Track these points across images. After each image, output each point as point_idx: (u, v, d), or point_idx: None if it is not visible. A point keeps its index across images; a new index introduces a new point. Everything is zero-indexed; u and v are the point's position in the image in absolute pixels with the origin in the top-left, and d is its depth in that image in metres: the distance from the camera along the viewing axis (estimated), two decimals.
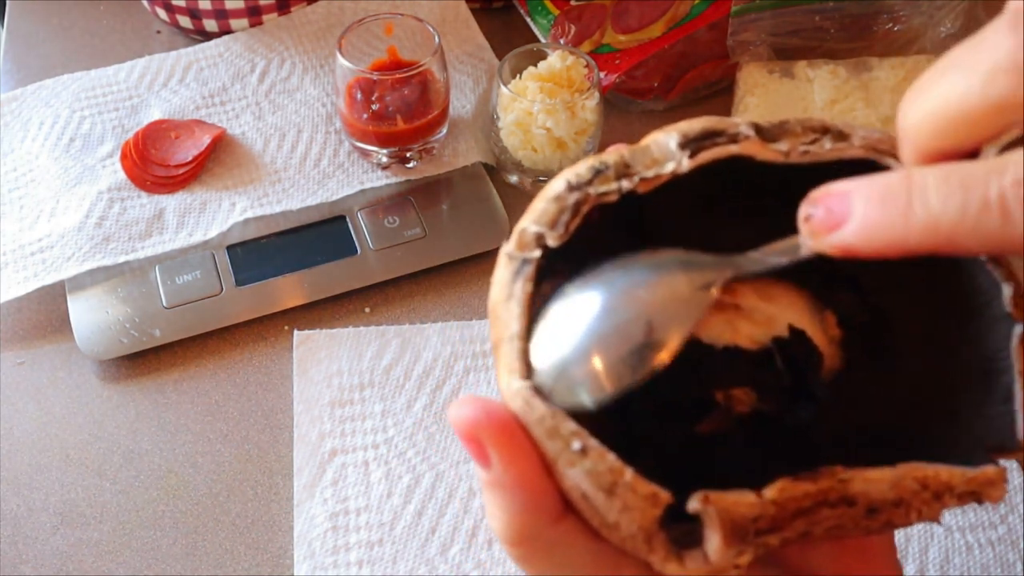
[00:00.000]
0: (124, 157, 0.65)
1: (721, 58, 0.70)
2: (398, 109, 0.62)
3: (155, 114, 0.69)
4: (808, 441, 0.24)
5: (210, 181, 0.65)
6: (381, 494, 0.50)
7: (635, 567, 0.25)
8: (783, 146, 0.26)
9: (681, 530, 0.23)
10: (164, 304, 0.58)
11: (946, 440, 0.25)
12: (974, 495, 0.24)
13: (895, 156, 0.26)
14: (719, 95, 0.72)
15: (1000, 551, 0.48)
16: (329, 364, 0.55)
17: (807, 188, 0.24)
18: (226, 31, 0.75)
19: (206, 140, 0.65)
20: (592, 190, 0.26)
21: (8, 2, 0.82)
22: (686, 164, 0.26)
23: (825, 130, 0.26)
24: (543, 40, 0.74)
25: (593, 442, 0.23)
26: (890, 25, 0.68)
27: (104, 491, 0.51)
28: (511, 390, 0.24)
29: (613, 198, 0.26)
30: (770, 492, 0.23)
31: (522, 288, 0.25)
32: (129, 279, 0.59)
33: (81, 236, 0.61)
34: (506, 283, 0.25)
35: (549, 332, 0.25)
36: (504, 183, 0.67)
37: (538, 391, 0.24)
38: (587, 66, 0.64)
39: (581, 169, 0.26)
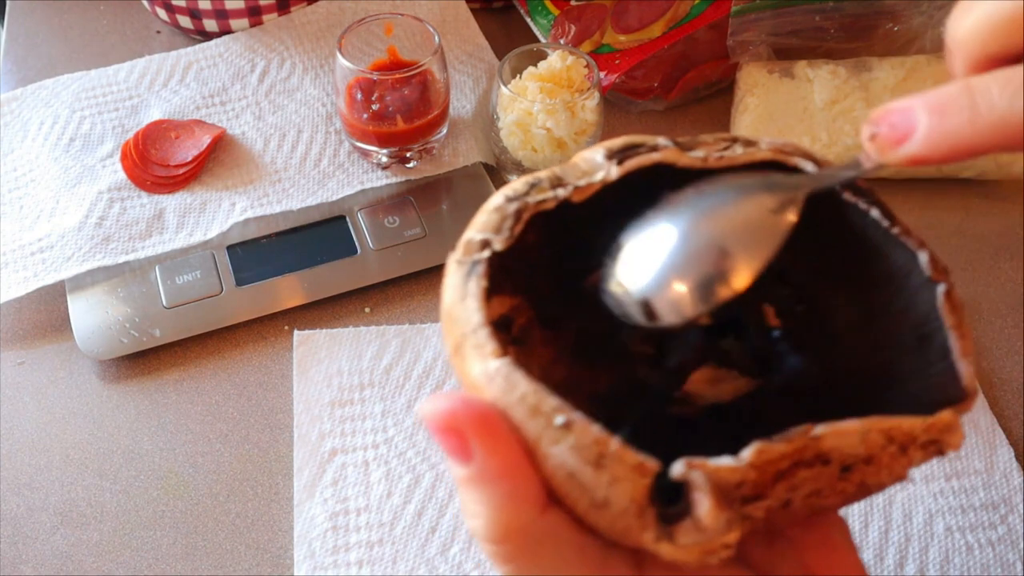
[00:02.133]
0: (124, 157, 0.65)
1: (721, 58, 0.70)
2: (398, 109, 0.62)
3: (155, 114, 0.69)
4: (767, 427, 0.25)
5: (210, 181, 0.65)
6: (381, 494, 0.50)
7: (623, 564, 0.25)
8: (700, 153, 0.28)
9: (667, 512, 0.23)
10: (164, 304, 0.58)
11: (897, 409, 0.25)
12: (935, 444, 0.25)
13: (801, 157, 0.28)
14: (719, 95, 0.72)
15: (1000, 551, 0.48)
16: (329, 364, 0.55)
17: None
18: (226, 31, 0.75)
19: (206, 140, 0.65)
20: (530, 199, 0.27)
21: (8, 2, 0.82)
22: (615, 172, 0.28)
23: (735, 139, 0.29)
24: (543, 40, 0.74)
25: (577, 415, 0.23)
26: (890, 25, 0.68)
27: (104, 491, 0.51)
28: (488, 372, 0.24)
29: (551, 205, 0.27)
30: (747, 454, 0.23)
31: (476, 284, 0.26)
32: (129, 279, 0.59)
33: (81, 236, 0.61)
34: (458, 285, 0.26)
35: (643, 250, 0.26)
36: (504, 183, 0.67)
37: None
38: (587, 66, 0.64)
39: (517, 184, 0.28)
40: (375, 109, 0.62)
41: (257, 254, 0.61)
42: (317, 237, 0.62)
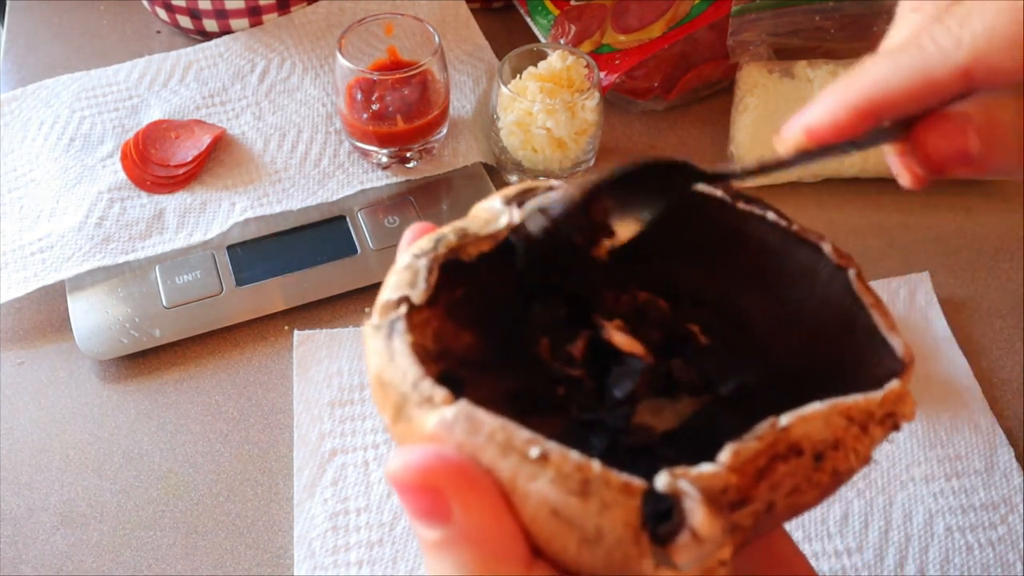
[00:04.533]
0: (124, 157, 0.65)
1: (721, 58, 0.70)
2: (398, 109, 0.62)
3: (155, 114, 0.69)
4: (723, 444, 0.24)
5: (210, 181, 0.65)
6: (381, 494, 0.50)
7: None
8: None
9: (659, 534, 0.22)
10: (164, 304, 0.58)
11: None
12: (891, 418, 0.26)
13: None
14: (719, 95, 0.72)
15: (1000, 551, 0.48)
16: (329, 364, 0.55)
17: None
18: (226, 31, 0.75)
19: (206, 140, 0.65)
20: (438, 252, 0.27)
21: (8, 2, 0.82)
22: (517, 216, 0.28)
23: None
24: (543, 40, 0.74)
25: (552, 444, 0.22)
26: (890, 25, 0.68)
27: (104, 491, 0.51)
28: (446, 421, 0.23)
29: (466, 255, 0.28)
30: (725, 457, 0.23)
31: (402, 341, 0.25)
32: (129, 279, 0.59)
33: (81, 236, 0.61)
34: (382, 349, 0.25)
35: None
36: (504, 183, 0.67)
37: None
38: (587, 66, 0.64)
39: (422, 243, 0.28)
40: (375, 109, 0.62)
41: (257, 254, 0.61)
42: (317, 237, 0.62)
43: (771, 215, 0.30)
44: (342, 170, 0.66)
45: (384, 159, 0.65)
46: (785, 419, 0.24)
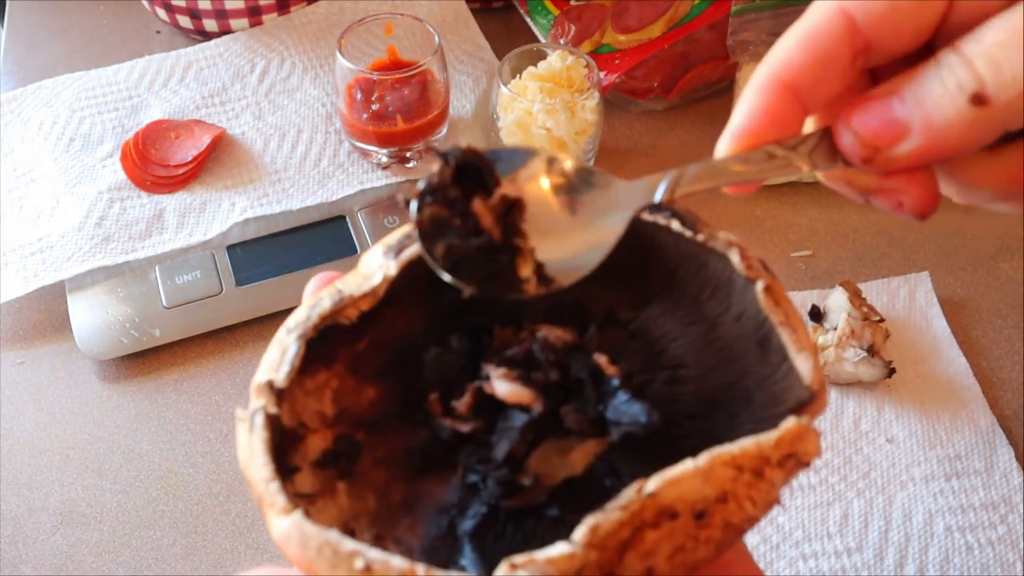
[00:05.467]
0: (124, 157, 0.65)
1: (721, 58, 0.70)
2: (398, 109, 0.62)
3: (155, 114, 0.69)
4: (620, 489, 0.23)
5: (210, 181, 0.65)
6: None
7: None
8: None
9: None
10: (164, 304, 0.58)
11: (753, 427, 0.24)
12: (793, 458, 0.24)
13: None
14: (719, 95, 0.72)
15: (1000, 551, 0.48)
16: None
17: None
18: (226, 31, 0.75)
19: (206, 140, 0.65)
20: (310, 324, 0.26)
21: (8, 2, 0.82)
22: (393, 268, 0.27)
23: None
24: (543, 40, 0.74)
25: (374, 552, 0.22)
26: None
27: (104, 491, 0.51)
28: (284, 532, 0.23)
29: (344, 319, 0.27)
30: (580, 535, 0.21)
31: (260, 439, 0.25)
32: (129, 279, 0.59)
33: (81, 236, 0.61)
34: (246, 443, 0.25)
35: None
36: None
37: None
38: (587, 66, 0.64)
39: (298, 313, 0.27)
40: (375, 109, 0.62)
41: (257, 254, 0.61)
42: (317, 237, 0.62)
43: (676, 224, 0.28)
44: (342, 170, 0.66)
45: (384, 159, 0.65)
46: (652, 484, 0.22)
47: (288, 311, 0.60)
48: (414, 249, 0.27)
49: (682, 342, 0.29)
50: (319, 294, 0.27)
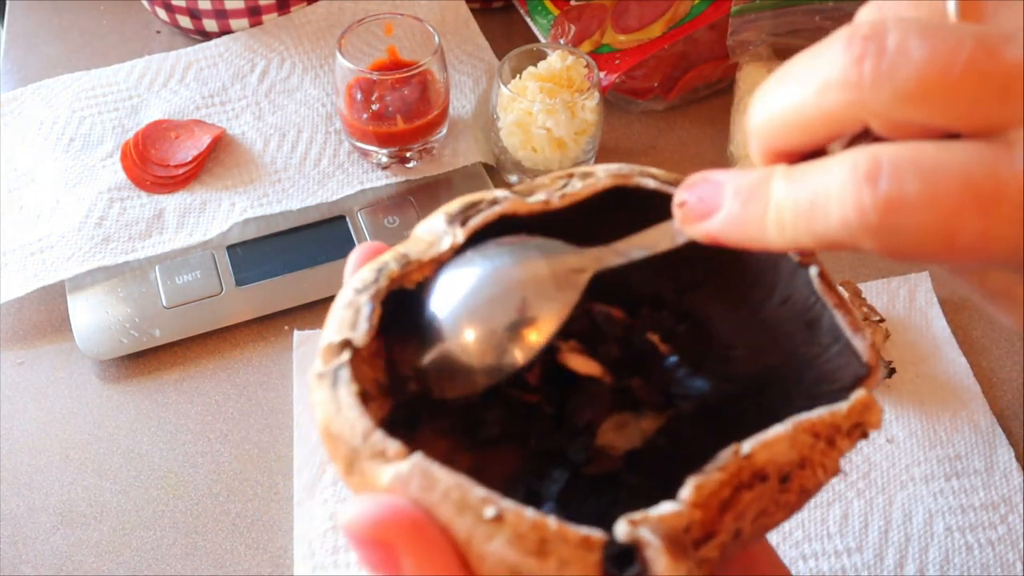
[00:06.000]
0: (124, 157, 0.65)
1: (721, 58, 0.70)
2: (398, 109, 0.62)
3: (155, 114, 0.69)
4: (689, 459, 0.24)
5: (210, 181, 0.65)
6: None
7: None
8: (541, 196, 0.28)
9: None
10: (164, 304, 0.58)
11: (809, 401, 0.25)
12: (859, 428, 0.25)
13: (640, 176, 0.28)
14: (719, 95, 0.72)
15: (1000, 551, 0.48)
16: None
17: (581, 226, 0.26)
18: (226, 31, 0.75)
19: (206, 140, 0.65)
20: (380, 284, 0.26)
21: (8, 2, 0.82)
22: (460, 235, 0.26)
23: (571, 174, 0.28)
24: (543, 40, 0.74)
25: (507, 502, 0.21)
26: None
27: (104, 491, 0.51)
28: (401, 476, 0.22)
29: (410, 283, 0.26)
30: (687, 494, 0.22)
31: (347, 391, 0.24)
32: (129, 279, 0.59)
33: (81, 236, 0.61)
34: (328, 400, 0.24)
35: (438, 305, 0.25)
36: (504, 183, 0.67)
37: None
38: (587, 66, 0.64)
39: (363, 274, 0.26)
40: (375, 109, 0.62)
41: (257, 254, 0.61)
42: (317, 237, 0.62)
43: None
44: (342, 170, 0.66)
45: (384, 159, 0.65)
46: (748, 446, 0.23)
47: (288, 311, 0.60)
48: (478, 219, 0.27)
49: (729, 324, 0.30)
50: (381, 257, 0.27)
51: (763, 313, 0.29)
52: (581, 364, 0.28)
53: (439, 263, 0.27)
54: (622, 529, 0.22)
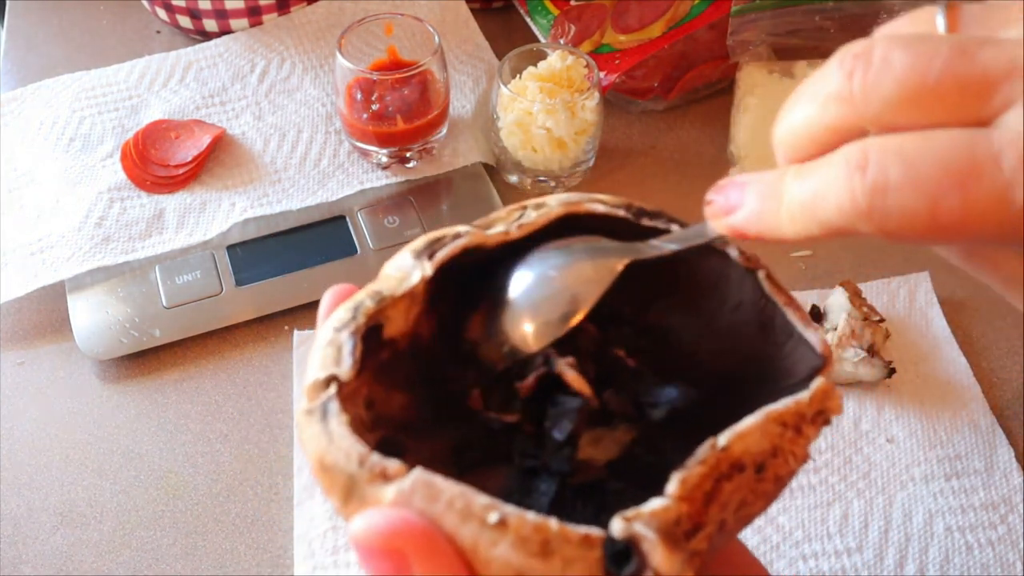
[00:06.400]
0: (124, 157, 0.65)
1: (721, 58, 0.70)
2: (398, 109, 0.62)
3: (155, 114, 0.69)
4: (667, 465, 0.25)
5: (210, 181, 0.65)
6: None
7: None
8: (500, 228, 0.29)
9: None
10: (164, 304, 0.58)
11: (772, 400, 0.26)
12: (822, 415, 0.26)
13: (591, 202, 0.30)
14: (719, 95, 0.72)
15: (1000, 551, 0.48)
16: None
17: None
18: (226, 31, 0.75)
19: (206, 140, 0.65)
20: (359, 322, 0.27)
21: (8, 2, 0.82)
22: (429, 269, 0.28)
23: (524, 207, 0.30)
24: (543, 40, 0.74)
25: (509, 508, 0.22)
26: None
27: (104, 491, 0.51)
28: (404, 492, 0.23)
29: (386, 317, 0.28)
30: (673, 488, 0.23)
31: (338, 421, 0.25)
32: (129, 279, 0.59)
33: (81, 236, 0.61)
34: (319, 433, 0.25)
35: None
36: (504, 183, 0.67)
37: None
38: (587, 66, 0.64)
39: (340, 314, 0.28)
40: (375, 109, 0.62)
41: (257, 254, 0.61)
42: (317, 237, 0.62)
43: (675, 226, 0.30)
44: (342, 170, 0.66)
45: (384, 159, 0.65)
46: (723, 438, 0.24)
47: (288, 311, 0.60)
48: (444, 251, 0.28)
49: (688, 334, 0.32)
50: (355, 297, 0.28)
51: (719, 320, 0.31)
52: (575, 380, 0.29)
53: (413, 297, 0.28)
54: (618, 526, 0.23)
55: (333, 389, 0.25)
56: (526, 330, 0.28)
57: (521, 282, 0.28)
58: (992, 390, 0.54)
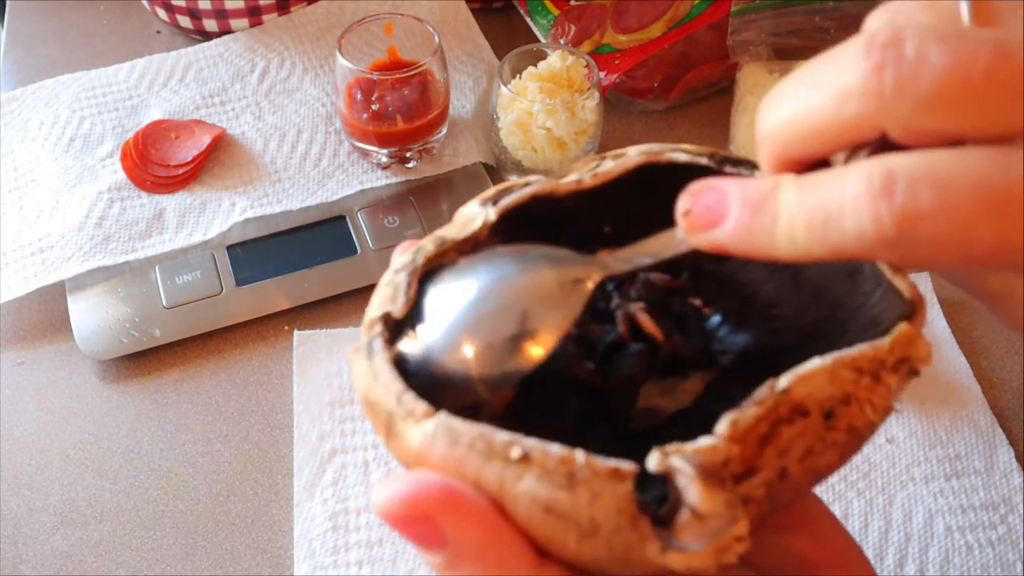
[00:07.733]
0: (124, 157, 0.65)
1: (721, 58, 0.70)
2: (398, 109, 0.62)
3: (155, 114, 0.69)
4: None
5: (210, 181, 0.65)
6: None
7: None
8: (573, 176, 0.29)
9: (659, 516, 0.22)
10: (164, 304, 0.58)
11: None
12: (906, 363, 0.24)
13: (672, 151, 0.28)
14: (719, 95, 0.72)
15: (1000, 551, 0.48)
16: (329, 364, 0.55)
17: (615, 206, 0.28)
18: (226, 31, 0.75)
19: (206, 140, 0.65)
20: (417, 264, 0.27)
21: (8, 2, 0.82)
22: (492, 214, 0.28)
23: (603, 157, 0.29)
24: (543, 40, 0.74)
25: (530, 441, 0.22)
26: None
27: (104, 491, 0.51)
28: (427, 436, 0.23)
29: (446, 259, 0.27)
30: (722, 428, 0.22)
31: (382, 359, 0.25)
32: (129, 279, 0.59)
33: (81, 236, 0.61)
34: (365, 370, 0.25)
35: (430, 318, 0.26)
36: (504, 183, 0.67)
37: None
38: (587, 66, 0.64)
39: (401, 258, 0.28)
40: (375, 109, 0.62)
41: (257, 254, 0.61)
42: (317, 237, 0.62)
43: (759, 172, 0.28)
44: (342, 170, 0.66)
45: (384, 159, 0.65)
46: (784, 380, 0.23)
47: (288, 311, 0.60)
48: (511, 198, 0.28)
49: (770, 286, 0.30)
50: (420, 241, 0.28)
51: (804, 274, 0.30)
52: (647, 323, 0.28)
53: (475, 240, 0.28)
54: (654, 459, 0.22)
55: (379, 328, 0.25)
56: (473, 360, 0.25)
57: (469, 293, 0.26)
58: (992, 390, 0.54)
